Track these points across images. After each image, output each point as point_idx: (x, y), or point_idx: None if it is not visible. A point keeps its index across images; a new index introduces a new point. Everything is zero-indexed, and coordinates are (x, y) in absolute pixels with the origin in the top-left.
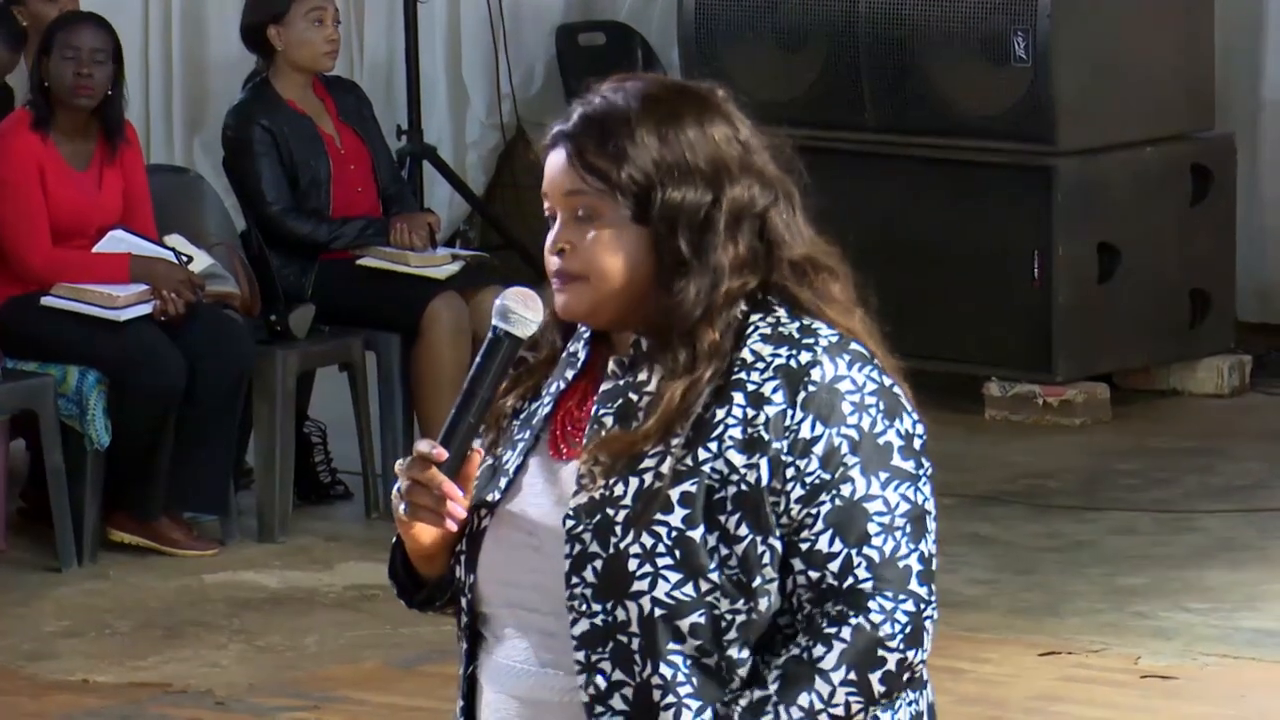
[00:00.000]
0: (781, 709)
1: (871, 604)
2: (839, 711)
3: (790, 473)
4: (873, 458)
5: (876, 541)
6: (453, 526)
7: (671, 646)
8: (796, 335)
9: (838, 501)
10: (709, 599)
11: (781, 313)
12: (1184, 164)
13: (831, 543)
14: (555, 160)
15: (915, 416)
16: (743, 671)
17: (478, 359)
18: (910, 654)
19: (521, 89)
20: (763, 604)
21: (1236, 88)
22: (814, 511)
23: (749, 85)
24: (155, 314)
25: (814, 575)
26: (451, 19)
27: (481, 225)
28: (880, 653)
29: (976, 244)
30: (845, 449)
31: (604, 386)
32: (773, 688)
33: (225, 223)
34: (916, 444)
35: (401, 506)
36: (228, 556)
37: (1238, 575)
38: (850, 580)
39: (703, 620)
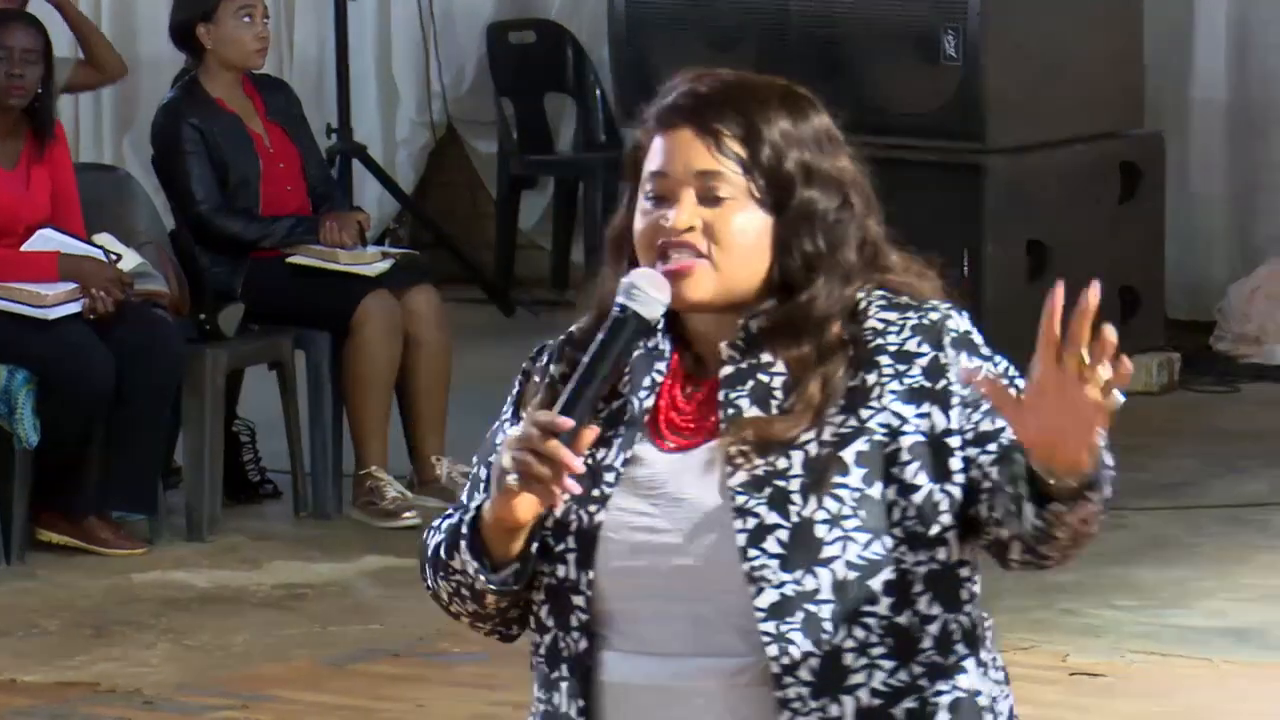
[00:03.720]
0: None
1: None
2: None
3: (956, 400)
4: (1011, 383)
5: None
6: (562, 502)
7: (866, 608)
8: (914, 303)
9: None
10: (896, 554)
11: (880, 292)
12: (1113, 162)
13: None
14: (677, 138)
15: None
16: (932, 628)
17: (601, 335)
18: None
19: (452, 87)
20: (941, 554)
21: (1166, 86)
22: (978, 414)
23: None
24: (84, 312)
25: (992, 449)
26: (381, 17)
27: (412, 223)
28: None
29: (906, 241)
30: (996, 372)
31: (724, 371)
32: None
33: (154, 221)
34: None
35: (511, 477)
36: (156, 556)
37: (1166, 573)
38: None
39: (893, 577)
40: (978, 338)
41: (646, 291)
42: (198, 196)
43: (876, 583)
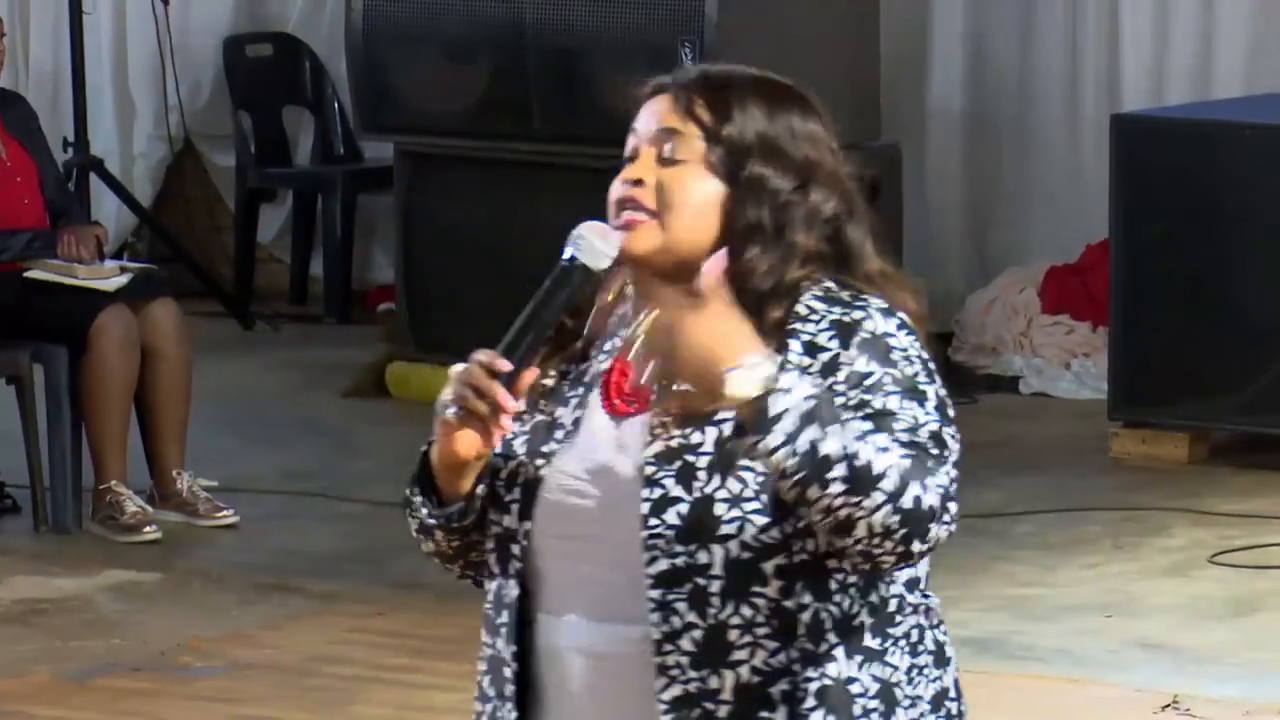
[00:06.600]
0: (843, 427)
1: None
2: (876, 463)
3: (840, 401)
4: (910, 394)
5: (902, 439)
6: (497, 442)
7: (755, 589)
8: (848, 299)
9: (869, 410)
10: (789, 540)
11: (831, 284)
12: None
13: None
14: (657, 102)
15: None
16: (805, 616)
17: (546, 283)
18: (936, 514)
19: (189, 100)
20: (810, 544)
21: (902, 97)
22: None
23: (419, 96)
24: None
25: None
26: (118, 30)
27: (150, 237)
28: (927, 478)
29: None
30: (889, 382)
31: None
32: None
33: None
34: (949, 410)
35: (450, 410)
36: None
37: None
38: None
39: (785, 562)
40: (897, 345)
41: (592, 243)
42: None
43: (769, 565)
